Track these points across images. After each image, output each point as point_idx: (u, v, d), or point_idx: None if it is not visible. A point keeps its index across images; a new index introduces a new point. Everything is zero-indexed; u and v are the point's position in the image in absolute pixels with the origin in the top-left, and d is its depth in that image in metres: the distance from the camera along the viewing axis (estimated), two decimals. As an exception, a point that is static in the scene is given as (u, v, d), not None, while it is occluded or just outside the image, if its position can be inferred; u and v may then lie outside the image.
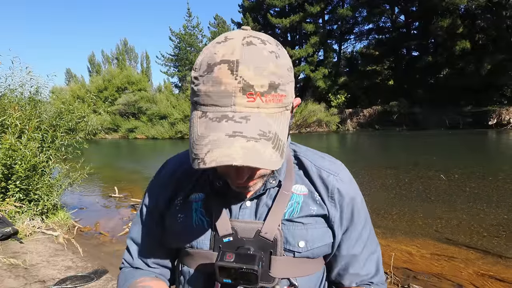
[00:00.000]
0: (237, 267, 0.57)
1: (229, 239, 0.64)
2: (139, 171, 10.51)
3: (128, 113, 34.33)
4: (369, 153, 13.05)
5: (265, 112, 0.51)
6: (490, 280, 2.90)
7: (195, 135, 0.51)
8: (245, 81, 0.49)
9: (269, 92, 0.50)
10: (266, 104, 0.50)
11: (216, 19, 38.67)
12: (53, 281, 2.80)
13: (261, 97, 0.50)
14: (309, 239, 0.65)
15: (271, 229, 0.63)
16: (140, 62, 48.13)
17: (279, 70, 0.52)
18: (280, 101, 0.52)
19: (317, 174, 0.69)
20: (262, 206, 0.66)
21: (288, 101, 0.55)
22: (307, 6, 28.20)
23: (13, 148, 4.09)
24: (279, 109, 0.53)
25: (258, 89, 0.49)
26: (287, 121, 0.55)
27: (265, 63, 0.50)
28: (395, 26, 28.13)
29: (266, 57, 0.51)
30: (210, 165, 0.45)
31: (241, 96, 0.49)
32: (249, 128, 0.48)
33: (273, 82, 0.50)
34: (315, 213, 0.66)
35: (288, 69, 0.55)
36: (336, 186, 0.68)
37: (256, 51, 0.51)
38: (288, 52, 0.63)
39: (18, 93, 5.27)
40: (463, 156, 10.19)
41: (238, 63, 0.49)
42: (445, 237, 3.94)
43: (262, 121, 0.50)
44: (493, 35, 21.90)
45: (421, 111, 22.83)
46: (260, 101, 0.50)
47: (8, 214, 3.99)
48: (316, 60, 29.51)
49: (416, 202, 5.43)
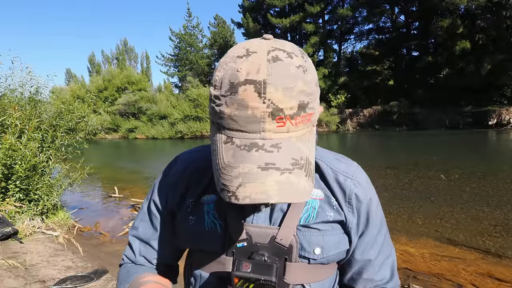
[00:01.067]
0: (253, 278, 0.56)
1: (243, 244, 0.62)
2: (139, 171, 10.52)
3: (128, 113, 34.34)
4: (369, 153, 13.05)
5: (295, 136, 0.49)
6: (490, 280, 2.90)
7: (221, 161, 0.48)
8: (274, 104, 0.46)
9: (299, 114, 0.48)
10: (296, 127, 0.49)
11: (216, 19, 38.65)
12: (53, 281, 2.80)
13: (290, 120, 0.48)
14: (325, 246, 0.62)
15: (286, 235, 0.61)
16: (140, 62, 48.21)
17: (308, 87, 0.49)
18: (309, 120, 0.51)
19: (334, 178, 0.65)
20: (277, 211, 0.63)
21: (315, 118, 0.53)
22: (307, 6, 28.19)
23: (13, 148, 4.10)
24: (308, 128, 0.51)
25: (288, 112, 0.47)
26: (314, 137, 0.54)
27: (294, 81, 0.47)
28: (395, 26, 28.12)
29: (294, 74, 0.48)
30: (243, 201, 0.44)
31: (270, 122, 0.47)
32: (281, 158, 0.46)
33: (302, 102, 0.48)
34: (332, 219, 0.63)
35: (316, 83, 0.52)
36: (354, 191, 0.65)
37: (284, 69, 0.48)
38: None
39: (18, 93, 5.27)
40: (463, 156, 10.19)
41: (266, 84, 0.46)
42: (445, 237, 3.94)
43: (293, 148, 0.48)
44: (493, 35, 21.90)
45: (421, 111, 22.82)
46: (290, 125, 0.48)
47: (8, 214, 3.99)
48: (316, 60, 29.52)
49: (416, 202, 5.43)
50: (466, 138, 15.73)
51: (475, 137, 16.00)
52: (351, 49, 33.64)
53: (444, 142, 15.17)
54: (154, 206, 0.73)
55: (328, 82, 28.10)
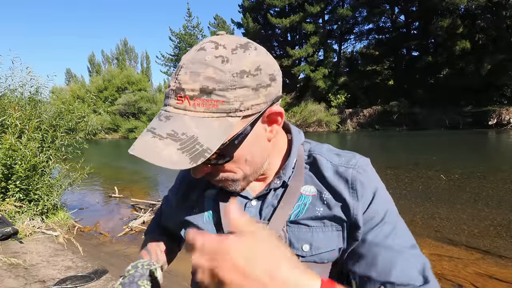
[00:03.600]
0: None
1: None
2: (139, 171, 10.51)
3: (128, 113, 34.35)
4: (369, 153, 12.94)
5: (190, 115, 0.51)
6: (490, 280, 2.90)
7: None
8: (179, 84, 0.51)
9: (199, 97, 0.51)
10: (193, 108, 0.51)
11: (216, 19, 38.70)
12: (53, 281, 2.80)
13: (189, 100, 0.51)
14: (313, 243, 0.61)
15: (275, 230, 0.61)
16: (140, 62, 48.22)
17: (219, 76, 0.51)
18: (215, 106, 0.51)
19: (334, 170, 0.64)
20: (268, 206, 0.64)
21: (231, 108, 0.52)
22: (307, 6, 28.19)
23: (13, 148, 4.10)
24: (213, 114, 0.51)
25: (188, 92, 0.51)
26: (231, 128, 0.52)
27: (203, 68, 0.51)
28: (395, 26, 28.14)
29: (207, 62, 0.51)
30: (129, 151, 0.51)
31: (173, 98, 0.52)
32: (162, 127, 0.51)
33: (205, 87, 0.50)
34: (320, 214, 0.61)
35: (235, 74, 0.51)
36: (357, 177, 0.62)
37: (200, 57, 0.52)
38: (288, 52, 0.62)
39: (18, 93, 5.27)
40: (463, 156, 10.19)
41: (181, 68, 0.53)
42: (445, 237, 3.95)
43: (179, 122, 0.51)
44: (493, 35, 21.91)
45: (421, 111, 22.83)
46: (187, 104, 0.51)
47: (8, 214, 3.99)
48: (316, 60, 29.48)
49: (416, 202, 5.43)
50: (466, 138, 15.73)
51: (475, 137, 15.99)
52: (351, 49, 33.73)
53: (444, 142, 15.17)
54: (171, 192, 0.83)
55: (328, 82, 28.11)
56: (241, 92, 0.52)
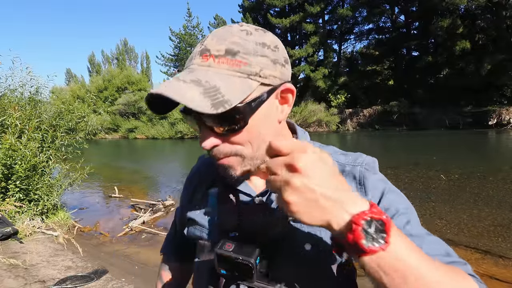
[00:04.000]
0: (233, 257, 0.55)
1: (235, 234, 0.64)
2: (139, 171, 10.51)
3: (128, 113, 34.34)
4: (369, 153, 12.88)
5: (213, 71, 0.54)
6: (490, 280, 2.90)
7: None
8: (205, 46, 0.55)
9: (224, 56, 0.54)
10: (217, 65, 0.54)
11: (216, 19, 38.67)
12: (53, 281, 2.80)
13: (214, 58, 0.54)
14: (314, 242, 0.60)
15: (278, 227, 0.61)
16: (140, 62, 48.18)
17: (244, 42, 0.55)
18: (238, 66, 0.54)
19: (340, 170, 0.63)
20: (272, 203, 0.64)
21: (252, 71, 0.55)
22: (307, 6, 28.19)
23: (13, 148, 4.10)
24: (235, 73, 0.54)
25: (213, 52, 0.54)
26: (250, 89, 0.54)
27: (229, 36, 0.55)
28: (395, 26, 28.12)
29: (233, 32, 0.56)
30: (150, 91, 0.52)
31: (198, 57, 0.55)
32: (187, 75, 0.53)
33: (231, 49, 0.54)
34: None
35: (258, 44, 0.56)
36: (365, 173, 0.62)
37: (228, 29, 0.57)
38: (288, 52, 0.63)
39: (18, 93, 5.27)
40: (463, 156, 10.19)
41: (209, 36, 0.57)
42: (445, 237, 3.94)
43: (203, 73, 0.53)
44: (493, 35, 21.90)
45: (421, 111, 22.82)
46: (212, 61, 0.54)
47: (8, 214, 3.99)
48: (316, 60, 29.49)
49: (416, 202, 5.42)
50: (466, 138, 15.72)
51: (475, 137, 15.99)
52: (351, 49, 33.68)
53: (444, 142, 15.17)
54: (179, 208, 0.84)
55: (328, 82, 28.10)
56: (262, 60, 0.56)
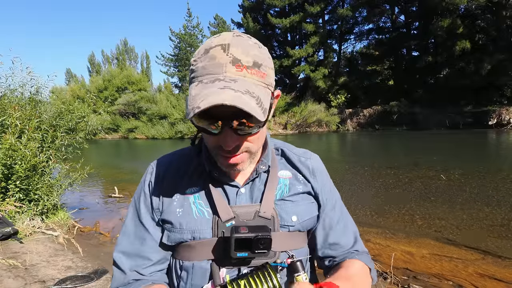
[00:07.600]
0: (252, 236, 0.63)
1: (232, 223, 0.70)
2: (139, 171, 10.50)
3: (128, 113, 34.33)
4: (369, 153, 13.04)
5: (249, 81, 0.59)
6: (490, 280, 2.90)
7: (190, 96, 0.58)
8: (234, 56, 0.59)
9: (254, 67, 0.60)
10: (250, 76, 0.60)
11: (216, 19, 38.70)
12: (53, 281, 2.80)
13: (247, 69, 0.59)
14: (299, 213, 0.75)
15: (267, 208, 0.72)
16: (140, 62, 48.10)
17: (262, 55, 0.63)
18: (263, 77, 0.62)
19: (298, 159, 0.82)
20: (256, 190, 0.75)
21: (269, 81, 0.64)
22: (307, 6, 28.17)
23: (13, 148, 4.09)
24: (261, 83, 0.62)
25: (245, 63, 0.59)
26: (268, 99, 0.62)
27: (251, 48, 0.61)
28: (395, 26, 28.11)
29: (251, 44, 0.62)
30: (204, 106, 0.52)
31: (231, 67, 0.58)
32: (237, 86, 0.56)
33: (256, 61, 0.61)
34: (301, 191, 0.78)
35: (269, 57, 0.65)
36: (315, 166, 0.83)
37: (243, 40, 0.62)
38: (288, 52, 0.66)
39: (19, 93, 5.26)
40: (463, 156, 10.18)
41: (229, 45, 0.60)
42: (445, 237, 3.94)
43: (247, 84, 0.58)
44: (493, 35, 21.90)
45: (421, 111, 22.81)
46: (246, 72, 0.59)
47: (8, 214, 3.99)
48: (316, 60, 29.46)
49: (416, 202, 5.42)
50: (466, 138, 15.72)
51: (475, 137, 15.98)
52: (351, 49, 33.71)
53: (444, 142, 15.17)
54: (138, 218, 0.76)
55: (328, 82, 28.10)
56: (271, 71, 0.65)
